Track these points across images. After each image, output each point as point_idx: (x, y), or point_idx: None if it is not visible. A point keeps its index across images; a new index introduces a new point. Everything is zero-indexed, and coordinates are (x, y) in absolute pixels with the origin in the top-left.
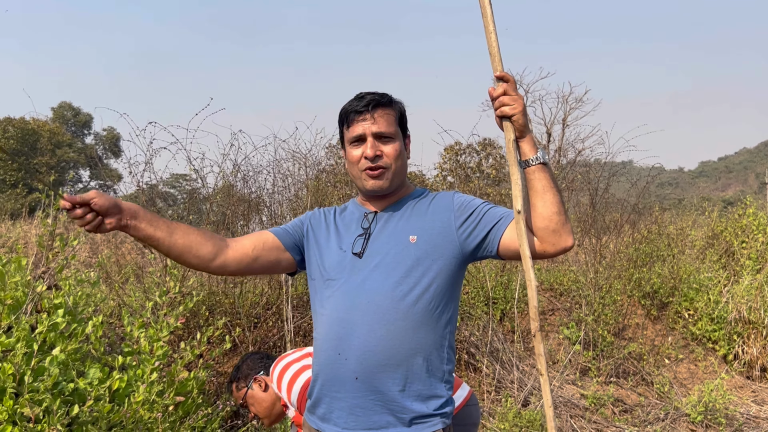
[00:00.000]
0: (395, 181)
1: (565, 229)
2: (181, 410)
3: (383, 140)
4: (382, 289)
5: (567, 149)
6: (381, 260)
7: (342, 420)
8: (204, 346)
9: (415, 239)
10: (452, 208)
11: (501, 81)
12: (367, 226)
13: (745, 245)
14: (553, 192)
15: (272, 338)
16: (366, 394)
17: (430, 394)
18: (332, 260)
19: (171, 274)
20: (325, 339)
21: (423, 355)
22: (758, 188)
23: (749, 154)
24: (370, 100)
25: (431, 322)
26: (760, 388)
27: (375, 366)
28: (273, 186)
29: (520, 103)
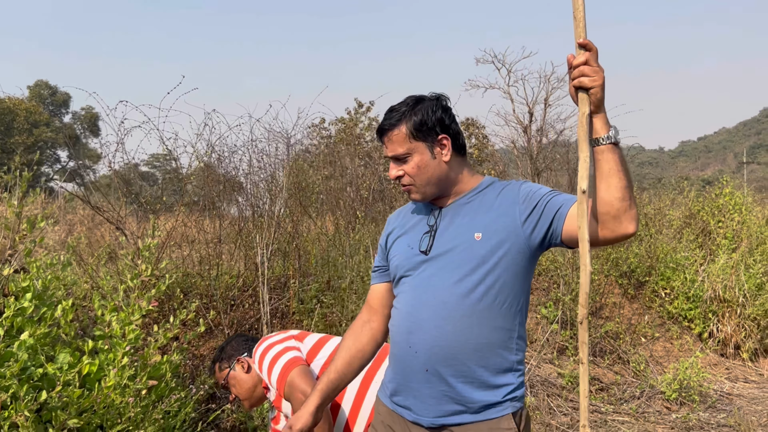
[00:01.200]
0: (428, 191)
1: (627, 216)
2: (153, 394)
3: (401, 160)
4: (447, 285)
5: (548, 129)
6: (446, 257)
7: (417, 407)
8: (177, 329)
9: (480, 236)
10: (518, 201)
11: (583, 49)
12: (432, 223)
13: (721, 225)
14: (619, 176)
15: (249, 320)
16: (435, 385)
17: (499, 383)
18: (402, 258)
19: (143, 256)
20: (397, 332)
21: (491, 349)
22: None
23: (728, 133)
24: (381, 126)
25: (499, 317)
26: (734, 365)
27: (442, 360)
28: (249, 167)
29: (601, 75)
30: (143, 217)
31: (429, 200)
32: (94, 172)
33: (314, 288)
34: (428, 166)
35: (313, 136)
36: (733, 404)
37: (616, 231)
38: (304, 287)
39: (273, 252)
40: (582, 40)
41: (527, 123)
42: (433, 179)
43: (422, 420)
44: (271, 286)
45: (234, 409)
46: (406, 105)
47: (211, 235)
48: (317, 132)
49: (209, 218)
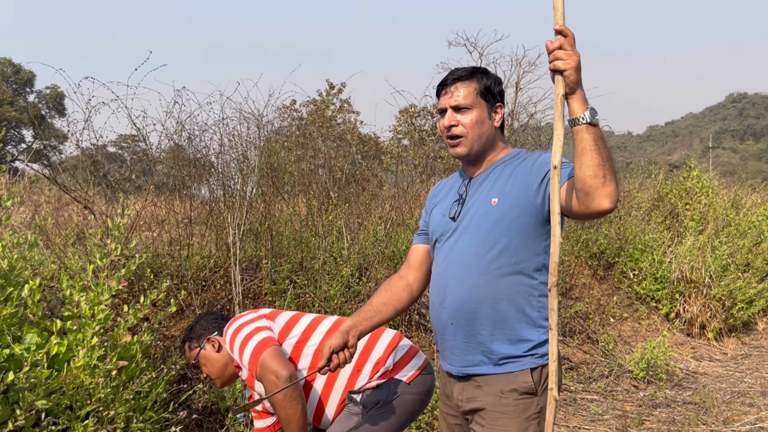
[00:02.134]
0: (474, 147)
1: (600, 192)
2: (124, 375)
3: (461, 111)
4: (468, 247)
5: (520, 112)
6: (468, 222)
7: (449, 358)
8: (148, 310)
9: (496, 201)
10: (532, 170)
11: (559, 35)
12: (462, 192)
13: (688, 207)
14: (591, 154)
15: (221, 301)
16: (460, 337)
17: (520, 338)
18: (436, 224)
19: (113, 235)
20: (432, 292)
21: (510, 303)
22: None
23: (695, 119)
24: (454, 74)
25: (516, 275)
26: (699, 344)
27: (465, 313)
28: (220, 146)
29: (575, 59)
30: (112, 197)
31: (470, 158)
32: (61, 153)
33: (287, 269)
34: (484, 123)
35: (284, 117)
36: (699, 382)
37: (589, 206)
38: (277, 268)
39: (245, 233)
40: (558, 26)
41: None
42: (483, 137)
43: (452, 369)
44: (242, 267)
45: (206, 389)
46: (474, 68)
47: (181, 216)
48: (288, 113)
49: (179, 199)
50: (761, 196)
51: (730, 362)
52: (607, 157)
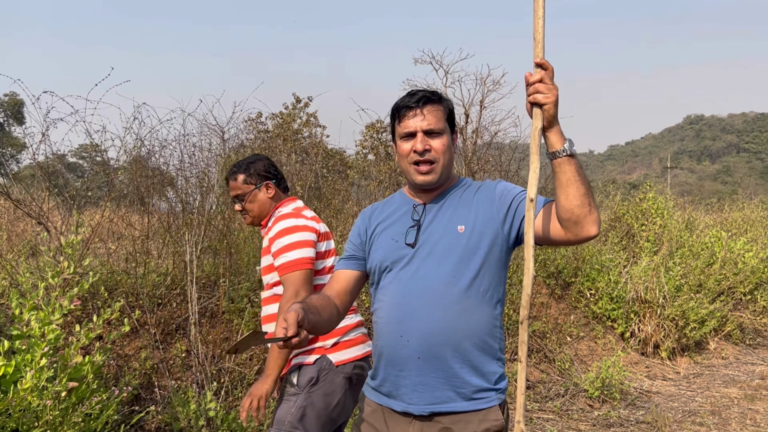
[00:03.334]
0: (443, 174)
1: (588, 220)
2: (74, 396)
3: (432, 135)
4: (435, 275)
5: (483, 131)
6: (432, 250)
7: (407, 396)
8: (101, 329)
9: (462, 229)
10: (494, 198)
11: (539, 68)
12: (417, 218)
13: (644, 228)
14: (576, 185)
15: (177, 320)
16: (428, 372)
17: (486, 370)
18: (386, 251)
19: (66, 253)
20: (386, 323)
21: (477, 335)
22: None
23: (654, 139)
24: (421, 96)
25: (483, 305)
26: (653, 363)
27: (435, 346)
28: (180, 162)
29: (555, 93)
30: (68, 212)
31: (437, 185)
32: (18, 162)
33: (245, 287)
34: (449, 149)
35: (249, 131)
36: (652, 401)
37: (578, 234)
38: (235, 286)
39: (203, 250)
40: (539, 59)
41: (463, 124)
42: (449, 164)
43: (413, 409)
44: (200, 285)
45: (159, 410)
46: (435, 92)
47: (138, 231)
48: (254, 126)
49: (137, 214)
50: (713, 218)
51: (683, 381)
52: (589, 185)
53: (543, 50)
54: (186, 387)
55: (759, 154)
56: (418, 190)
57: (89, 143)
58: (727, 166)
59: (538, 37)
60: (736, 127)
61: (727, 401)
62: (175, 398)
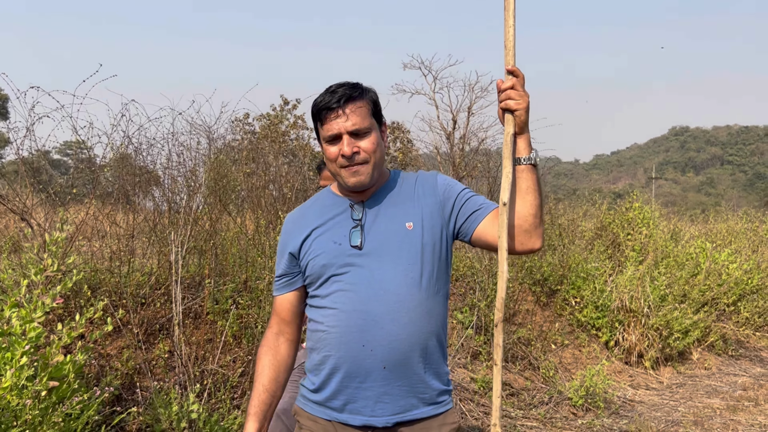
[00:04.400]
0: (375, 173)
1: (537, 232)
2: (54, 396)
3: (359, 136)
4: (394, 278)
5: (470, 137)
6: (383, 250)
7: (368, 409)
8: (83, 328)
9: (411, 226)
10: (437, 193)
11: (511, 75)
12: (358, 217)
13: (630, 237)
14: (534, 194)
15: (160, 320)
16: (393, 381)
17: (443, 371)
18: (329, 256)
19: (49, 250)
20: (344, 332)
21: (436, 336)
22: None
23: (639, 149)
24: (341, 95)
25: (438, 305)
26: (637, 373)
27: (402, 353)
28: (168, 161)
29: (526, 100)
30: (52, 209)
31: (370, 185)
32: (1, 158)
33: (230, 288)
34: (380, 145)
35: (236, 131)
36: (635, 410)
37: (525, 244)
38: (220, 287)
39: (189, 250)
40: (510, 66)
41: (451, 130)
42: (380, 162)
43: (375, 421)
44: (185, 285)
45: (140, 410)
46: (355, 84)
47: (124, 230)
48: (240, 127)
49: (123, 212)
50: (699, 229)
51: (666, 391)
52: (543, 199)
53: (514, 58)
54: (168, 388)
55: (742, 166)
56: (350, 190)
57: (74, 140)
58: (711, 178)
59: (509, 45)
60: (720, 140)
61: (709, 412)
62: (158, 399)
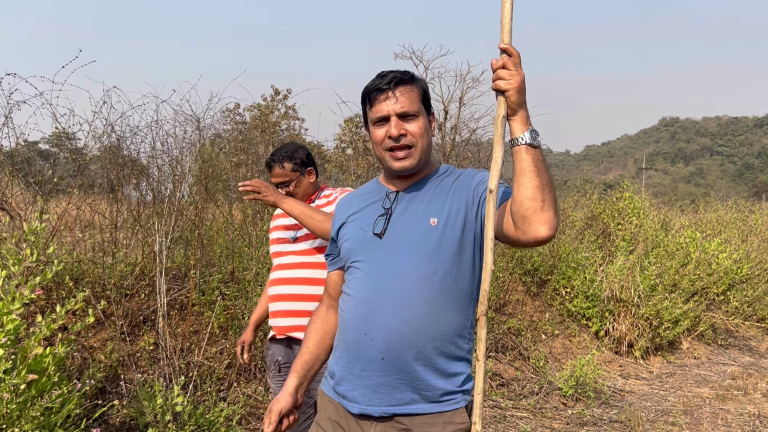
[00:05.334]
0: (422, 159)
1: (538, 217)
2: (33, 389)
3: (407, 119)
4: (406, 271)
5: (462, 128)
6: (401, 242)
7: (365, 398)
8: (64, 320)
9: (435, 222)
10: (470, 189)
11: (504, 53)
12: (388, 206)
13: (620, 227)
14: (531, 176)
15: (145, 311)
16: (391, 373)
17: (453, 371)
18: (354, 242)
19: (28, 240)
20: (351, 318)
21: (447, 337)
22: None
23: (629, 140)
24: (392, 78)
25: (455, 305)
26: (627, 362)
27: (401, 347)
28: (152, 149)
29: (518, 79)
30: (33, 199)
31: (414, 170)
32: None
33: (216, 279)
34: (427, 131)
35: (226, 121)
36: (625, 400)
37: (526, 233)
38: (206, 278)
39: (174, 240)
40: (504, 44)
41: (442, 120)
42: (427, 149)
43: (372, 410)
44: (170, 276)
45: (124, 403)
46: (407, 71)
47: (108, 220)
48: (231, 117)
49: (107, 202)
50: (689, 219)
51: (656, 381)
52: (548, 182)
53: (510, 35)
54: (153, 381)
55: (731, 157)
56: (394, 177)
57: (59, 131)
58: (701, 169)
59: (504, 21)
60: (710, 131)
61: (699, 401)
62: (142, 392)
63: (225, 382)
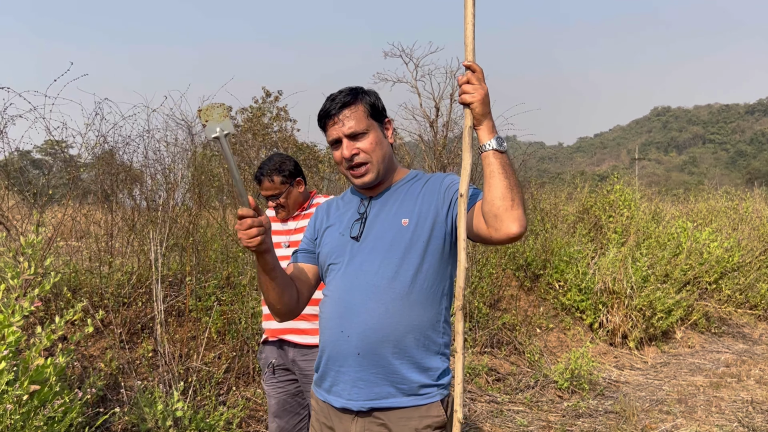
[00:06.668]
0: (380, 170)
1: (509, 215)
2: (36, 399)
3: (357, 138)
4: (379, 270)
5: (453, 125)
6: (376, 243)
7: (346, 392)
8: (63, 330)
9: (407, 222)
10: (441, 191)
11: (468, 70)
12: (363, 211)
13: (611, 219)
14: (499, 178)
15: (143, 319)
16: (368, 368)
17: (428, 365)
18: (333, 245)
19: (25, 253)
20: (328, 318)
21: (420, 331)
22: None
23: (622, 131)
24: (337, 102)
25: (427, 300)
26: (621, 353)
27: (375, 342)
28: (145, 158)
29: (480, 93)
30: (29, 210)
31: (376, 182)
32: None
33: (212, 285)
34: (382, 143)
35: None
36: (620, 391)
37: (499, 230)
38: (202, 284)
39: (169, 247)
40: (467, 62)
41: (434, 117)
42: (386, 158)
43: (351, 405)
44: (166, 283)
45: (125, 410)
46: (352, 89)
47: (103, 230)
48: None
49: (101, 211)
50: (679, 209)
51: (650, 371)
52: (516, 184)
53: (473, 53)
54: (153, 387)
55: (724, 144)
56: (362, 188)
57: (52, 139)
58: (694, 157)
59: (467, 41)
60: (701, 119)
61: (693, 389)
62: (142, 399)
63: (224, 386)
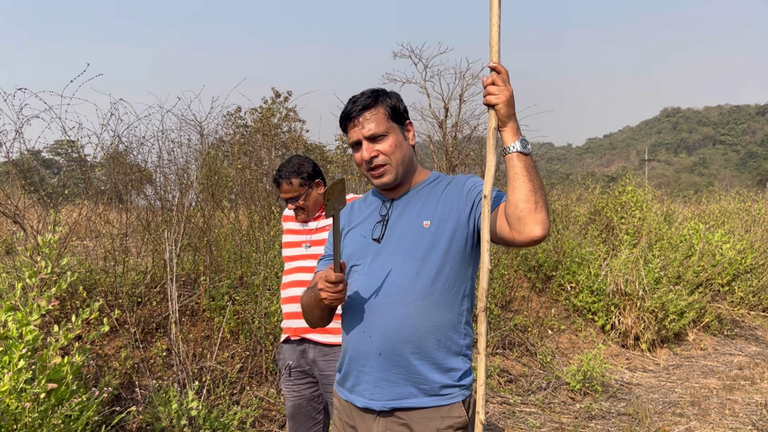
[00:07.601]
0: (400, 172)
1: (532, 218)
2: (53, 398)
3: (377, 140)
4: (401, 271)
5: (463, 125)
6: (398, 245)
7: (368, 392)
8: (79, 329)
9: (428, 224)
10: (462, 193)
11: (493, 71)
12: (384, 213)
13: (623, 221)
14: (523, 180)
15: (157, 318)
16: (389, 368)
17: (450, 366)
18: (355, 247)
19: (43, 252)
20: (351, 318)
21: (441, 332)
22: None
23: (631, 131)
24: (358, 104)
25: (448, 302)
26: (633, 355)
27: (397, 342)
28: (159, 158)
29: (506, 94)
30: (44, 210)
31: (396, 184)
32: None
33: (226, 284)
34: (402, 145)
35: (228, 125)
36: (632, 393)
37: (522, 233)
38: (216, 284)
39: (183, 247)
40: (492, 63)
41: (443, 118)
42: (405, 160)
43: (374, 404)
44: (180, 283)
45: (140, 409)
46: (374, 91)
47: (117, 230)
48: (233, 121)
49: (116, 211)
50: (691, 210)
51: (663, 373)
52: (539, 186)
53: (498, 55)
54: (167, 386)
55: (734, 146)
56: (383, 189)
57: (65, 139)
58: (704, 158)
59: (493, 43)
60: (712, 120)
61: (706, 392)
62: (157, 398)
63: (237, 385)
